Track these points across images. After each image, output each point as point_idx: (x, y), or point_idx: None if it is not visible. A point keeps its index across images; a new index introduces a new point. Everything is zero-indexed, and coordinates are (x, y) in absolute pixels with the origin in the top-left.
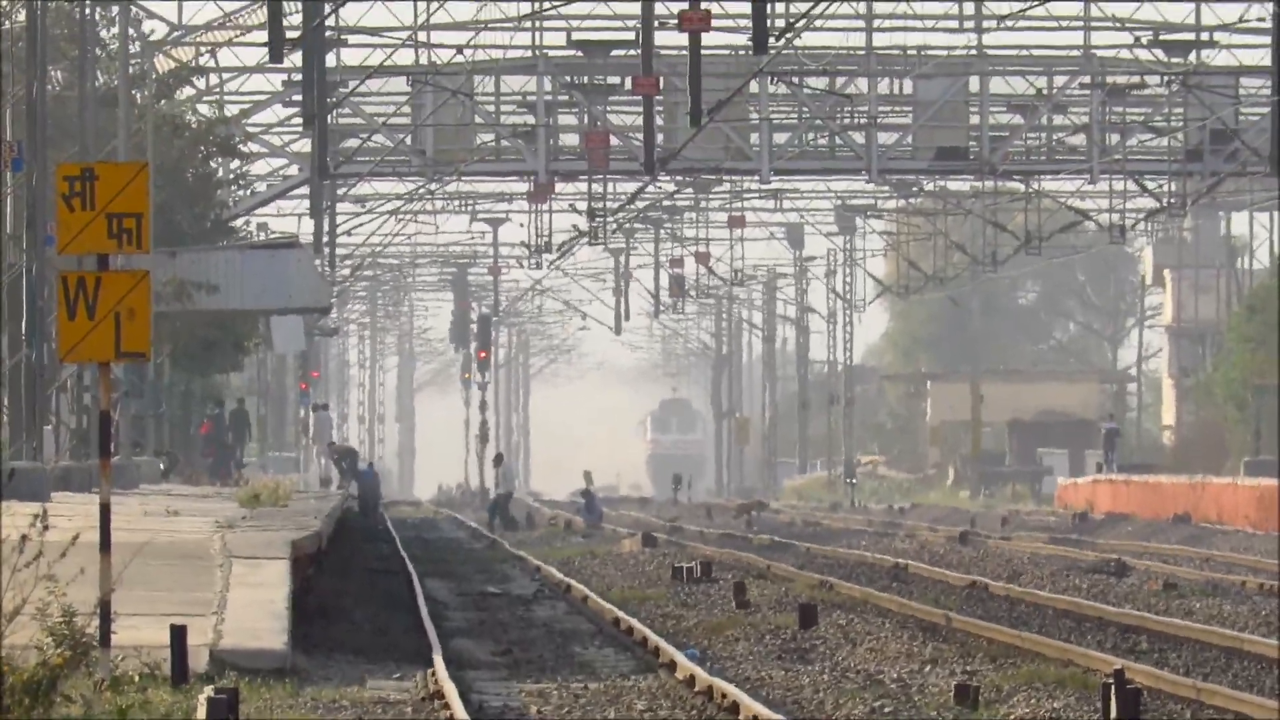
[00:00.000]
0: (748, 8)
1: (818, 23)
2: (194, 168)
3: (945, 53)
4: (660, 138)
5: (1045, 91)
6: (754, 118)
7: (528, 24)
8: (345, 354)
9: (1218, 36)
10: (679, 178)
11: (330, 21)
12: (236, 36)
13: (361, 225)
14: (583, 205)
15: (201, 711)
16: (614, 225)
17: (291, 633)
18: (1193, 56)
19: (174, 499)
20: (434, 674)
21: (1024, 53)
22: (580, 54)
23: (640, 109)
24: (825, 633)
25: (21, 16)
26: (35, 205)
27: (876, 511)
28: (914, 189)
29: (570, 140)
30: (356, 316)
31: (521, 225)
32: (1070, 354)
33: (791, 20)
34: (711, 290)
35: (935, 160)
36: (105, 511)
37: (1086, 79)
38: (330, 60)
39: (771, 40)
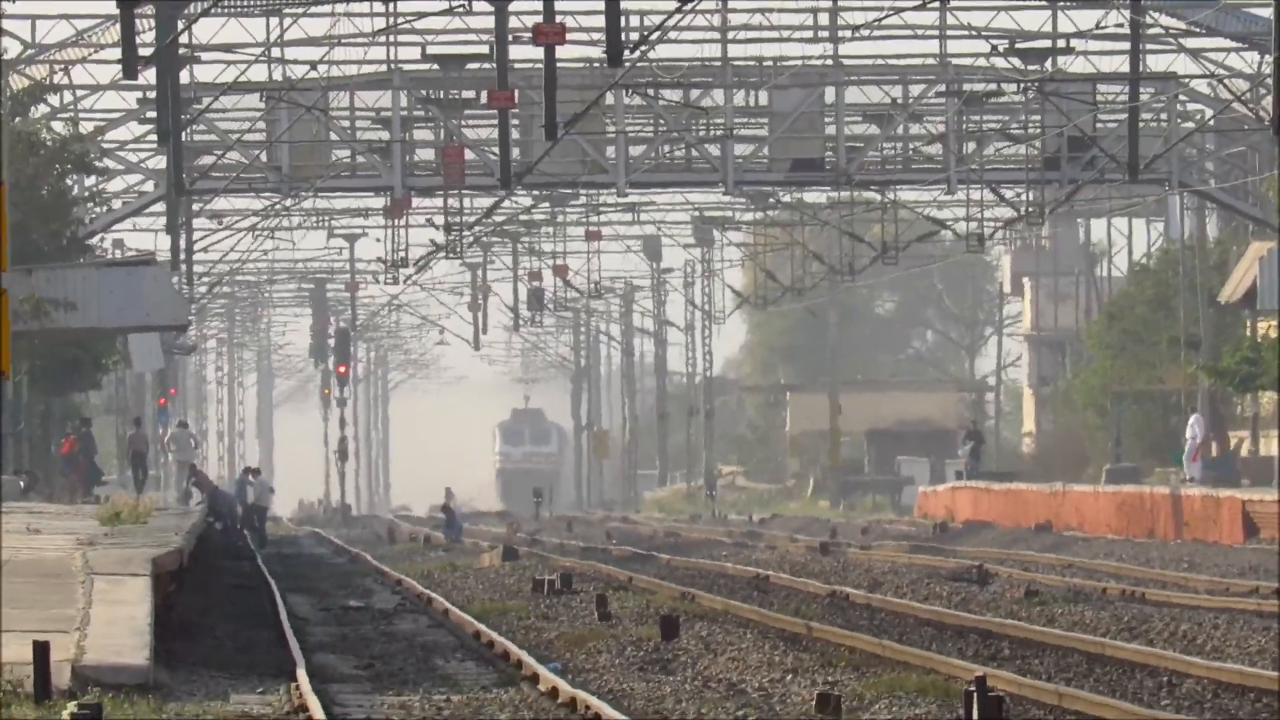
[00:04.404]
0: (602, 20)
1: (673, 34)
2: (49, 185)
3: (801, 63)
4: (516, 151)
5: (901, 101)
6: (610, 130)
7: (382, 38)
8: (204, 371)
9: (1074, 43)
10: (535, 192)
11: (184, 38)
12: (90, 54)
13: (218, 242)
14: (439, 220)
15: None
16: (471, 239)
17: (154, 648)
18: (1049, 64)
19: (34, 517)
20: (297, 688)
21: (880, 62)
22: (436, 68)
23: (496, 123)
24: (687, 644)
25: None
26: None
27: (737, 523)
28: (770, 200)
29: (426, 155)
30: (214, 333)
31: (378, 240)
32: (928, 363)
33: (646, 32)
34: (570, 303)
35: (791, 171)
36: None
37: (943, 88)
38: (184, 77)
39: (626, 53)
